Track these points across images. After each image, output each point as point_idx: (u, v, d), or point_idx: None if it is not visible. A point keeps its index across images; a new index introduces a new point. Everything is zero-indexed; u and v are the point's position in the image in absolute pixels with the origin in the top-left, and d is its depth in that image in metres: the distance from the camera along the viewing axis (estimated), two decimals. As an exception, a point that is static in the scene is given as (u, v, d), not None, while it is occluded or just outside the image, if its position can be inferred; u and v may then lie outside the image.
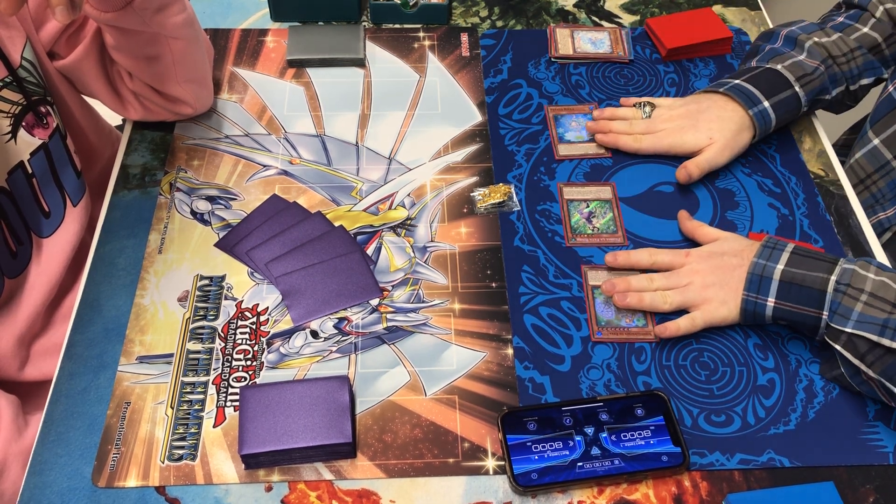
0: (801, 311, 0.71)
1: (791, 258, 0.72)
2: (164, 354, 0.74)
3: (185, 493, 0.67)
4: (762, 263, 0.73)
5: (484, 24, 1.07)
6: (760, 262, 0.73)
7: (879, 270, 0.69)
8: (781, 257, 0.72)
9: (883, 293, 0.67)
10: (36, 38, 0.80)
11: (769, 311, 0.72)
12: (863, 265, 0.70)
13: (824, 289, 0.70)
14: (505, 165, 0.90)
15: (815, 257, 0.72)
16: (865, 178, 0.93)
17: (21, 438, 0.73)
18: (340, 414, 0.67)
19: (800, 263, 0.71)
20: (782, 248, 0.73)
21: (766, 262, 0.73)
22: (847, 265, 0.70)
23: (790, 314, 0.71)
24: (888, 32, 0.91)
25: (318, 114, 0.95)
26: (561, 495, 0.67)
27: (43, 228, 0.82)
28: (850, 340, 0.68)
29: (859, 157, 0.93)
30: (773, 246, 0.74)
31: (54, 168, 0.81)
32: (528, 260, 0.82)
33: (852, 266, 0.70)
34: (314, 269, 0.80)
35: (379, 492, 0.67)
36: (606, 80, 1.00)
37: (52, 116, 0.81)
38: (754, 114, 0.86)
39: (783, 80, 0.87)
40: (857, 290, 0.68)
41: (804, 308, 0.71)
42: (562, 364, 0.75)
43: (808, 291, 0.70)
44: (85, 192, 0.87)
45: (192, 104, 0.89)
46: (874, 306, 0.67)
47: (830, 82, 0.89)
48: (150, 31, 0.78)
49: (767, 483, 0.68)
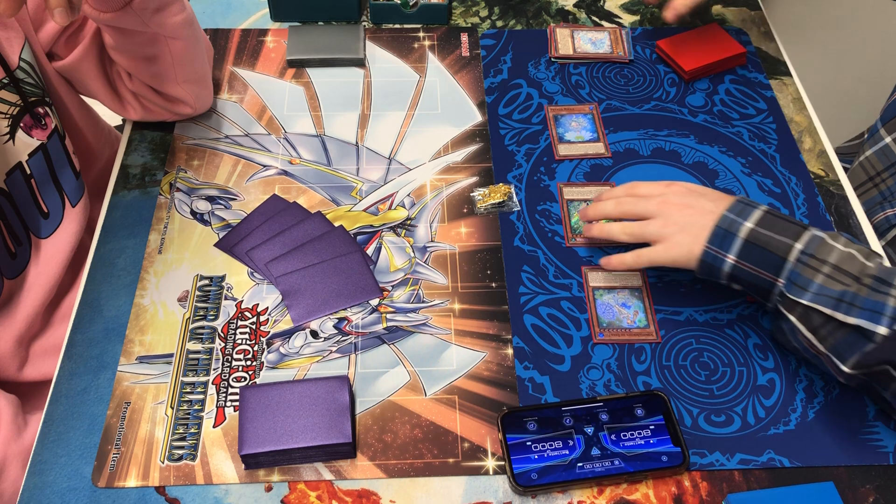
0: (758, 273, 0.69)
1: (763, 218, 0.69)
2: (163, 354, 0.74)
3: (185, 493, 0.67)
4: (731, 218, 0.70)
5: (484, 24, 1.07)
6: (730, 216, 0.70)
7: (849, 242, 0.67)
8: (752, 215, 0.70)
9: (848, 266, 0.65)
10: (35, 39, 0.80)
11: (727, 268, 0.70)
12: (833, 236, 0.68)
13: (786, 256, 0.67)
14: (505, 165, 0.90)
15: (786, 220, 0.69)
16: (875, 176, 0.93)
17: (21, 438, 0.73)
18: (340, 414, 0.67)
19: (769, 225, 0.69)
20: (755, 207, 0.71)
21: (736, 217, 0.70)
22: (816, 233, 0.68)
23: (747, 275, 0.69)
24: None
25: (318, 114, 0.95)
26: (561, 495, 0.67)
27: (42, 229, 0.82)
28: (806, 313, 0.66)
29: (869, 155, 0.92)
30: (747, 203, 0.71)
31: (53, 169, 0.81)
32: (528, 260, 0.82)
33: (821, 235, 0.68)
34: (314, 269, 0.80)
35: (379, 492, 0.67)
36: (606, 80, 1.00)
37: (50, 117, 0.81)
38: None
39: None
40: (820, 260, 0.66)
41: (762, 272, 0.68)
42: (562, 364, 0.75)
43: (769, 255, 0.68)
44: (84, 192, 0.87)
45: (192, 104, 0.89)
46: (836, 279, 0.65)
47: None
48: (149, 31, 0.78)
49: (767, 483, 0.68)
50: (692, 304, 0.79)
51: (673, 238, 0.72)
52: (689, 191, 0.75)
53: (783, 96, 0.99)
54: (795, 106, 0.98)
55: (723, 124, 0.95)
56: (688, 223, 0.72)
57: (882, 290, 0.63)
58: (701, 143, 0.93)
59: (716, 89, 0.99)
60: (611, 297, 0.79)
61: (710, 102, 0.98)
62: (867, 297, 0.63)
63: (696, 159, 0.92)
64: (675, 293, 0.80)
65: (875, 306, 0.62)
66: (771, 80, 1.01)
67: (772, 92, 0.99)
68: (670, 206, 0.74)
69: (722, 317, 0.78)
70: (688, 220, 0.72)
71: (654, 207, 0.75)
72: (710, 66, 0.99)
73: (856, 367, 0.64)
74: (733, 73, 1.01)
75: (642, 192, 0.77)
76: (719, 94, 0.99)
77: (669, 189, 0.75)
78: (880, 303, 0.63)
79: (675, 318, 0.78)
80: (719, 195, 0.74)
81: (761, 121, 0.96)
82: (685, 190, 0.75)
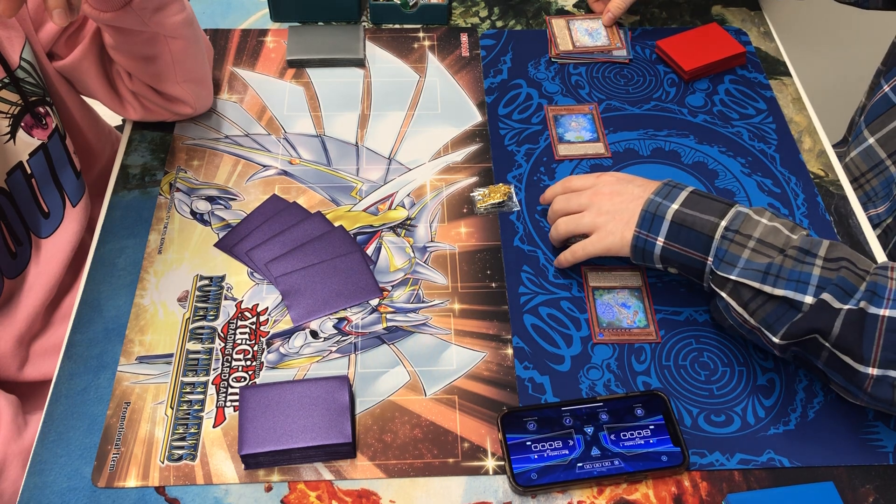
0: (687, 254, 0.69)
1: (687, 198, 0.70)
2: (163, 354, 0.74)
3: (185, 493, 0.67)
4: (658, 201, 0.71)
5: (484, 24, 1.07)
6: (656, 199, 0.71)
7: (774, 216, 0.68)
8: (678, 197, 0.71)
9: (772, 239, 0.66)
10: (35, 38, 0.80)
11: (658, 250, 0.71)
12: (758, 210, 0.68)
13: (712, 234, 0.68)
14: (505, 165, 0.90)
15: (711, 199, 0.70)
16: (860, 177, 0.93)
17: (21, 438, 0.73)
18: (340, 414, 0.67)
19: (694, 205, 0.70)
20: (681, 189, 0.71)
21: (663, 200, 0.71)
22: (741, 209, 0.68)
23: (678, 256, 0.70)
24: None
25: (317, 114, 0.95)
26: (560, 495, 0.67)
27: (42, 229, 0.82)
28: (735, 288, 0.66)
29: (854, 156, 0.93)
30: (674, 186, 0.72)
31: (53, 169, 0.81)
32: (528, 260, 0.82)
33: (746, 211, 0.68)
34: (314, 269, 0.80)
35: (379, 492, 0.67)
36: (606, 81, 1.00)
37: (50, 117, 0.81)
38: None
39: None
40: (745, 236, 0.67)
41: (691, 251, 0.69)
42: (561, 364, 0.75)
43: (696, 235, 0.69)
44: (84, 192, 0.87)
45: (192, 104, 0.89)
46: (761, 252, 0.66)
47: None
48: (149, 30, 0.78)
49: (767, 483, 0.68)
50: (692, 304, 0.79)
51: (605, 227, 0.74)
52: (617, 179, 0.76)
53: (783, 96, 0.99)
54: (795, 106, 0.98)
55: (722, 124, 0.95)
56: (618, 210, 0.74)
57: (807, 260, 0.64)
58: (701, 143, 0.93)
59: (715, 89, 0.99)
60: (611, 297, 0.79)
61: (710, 102, 0.98)
62: (792, 268, 0.64)
63: (696, 159, 0.92)
64: (675, 293, 0.80)
65: (801, 276, 0.64)
66: (771, 80, 1.01)
67: (771, 92, 0.99)
68: (600, 196, 0.75)
69: (722, 317, 0.78)
70: (617, 208, 0.74)
71: (585, 200, 0.77)
72: (709, 65, 0.99)
73: (785, 338, 0.65)
74: (733, 74, 1.01)
75: (575, 185, 0.79)
76: (719, 95, 0.99)
77: (599, 180, 0.77)
78: (805, 273, 0.64)
79: (675, 318, 0.78)
80: (647, 181, 0.75)
81: (761, 121, 0.96)
82: (614, 179, 0.77)
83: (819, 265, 0.64)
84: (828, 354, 0.64)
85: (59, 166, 0.82)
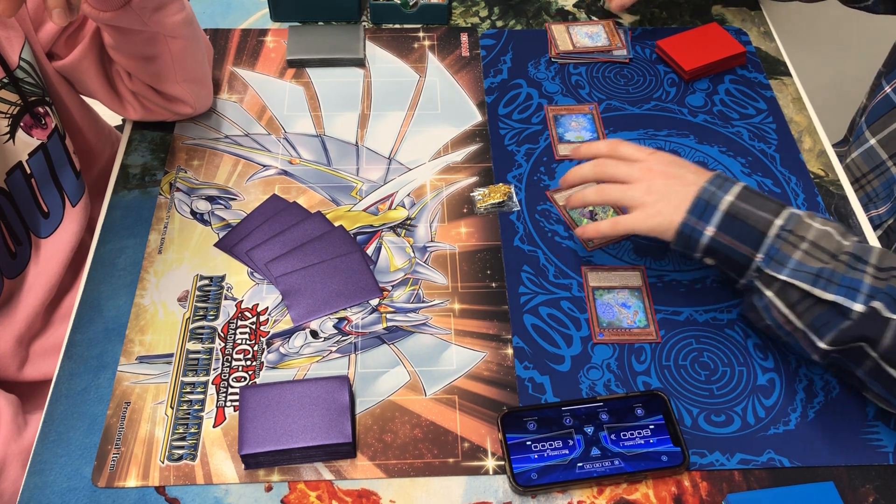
0: (736, 247, 0.68)
1: (742, 192, 0.69)
2: (163, 354, 0.74)
3: (185, 493, 0.67)
4: (712, 190, 0.70)
5: (484, 24, 1.07)
6: (710, 188, 0.70)
7: (826, 221, 0.67)
8: (732, 189, 0.70)
9: (825, 243, 0.66)
10: (34, 38, 0.80)
11: (705, 240, 0.69)
12: (809, 215, 0.68)
13: (766, 231, 0.67)
14: (505, 165, 0.90)
15: (764, 197, 0.69)
16: (861, 178, 0.93)
17: (21, 438, 0.73)
18: (340, 414, 0.67)
19: (749, 199, 0.69)
20: (734, 182, 0.71)
21: (717, 189, 0.70)
22: (794, 211, 0.68)
23: (725, 248, 0.69)
24: None
25: (317, 114, 0.95)
26: (561, 495, 0.67)
27: (42, 229, 0.82)
28: (784, 288, 0.66)
29: (855, 157, 0.93)
30: (726, 178, 0.71)
31: (53, 168, 0.81)
32: (528, 260, 0.82)
33: (798, 213, 0.68)
34: (314, 269, 0.80)
35: (379, 492, 0.67)
36: (606, 80, 1.00)
37: (50, 117, 0.81)
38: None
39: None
40: (798, 237, 0.66)
41: (740, 245, 0.68)
42: (562, 364, 0.75)
43: (749, 229, 0.68)
44: (84, 192, 0.87)
45: (192, 104, 0.89)
46: (813, 255, 0.65)
47: None
48: (148, 30, 0.78)
49: (767, 483, 0.68)
50: (692, 304, 0.79)
51: (654, 206, 0.71)
52: (671, 161, 0.74)
53: (783, 96, 0.99)
54: (795, 106, 0.98)
55: (723, 124, 0.95)
56: (670, 192, 0.71)
57: (858, 267, 0.64)
58: (701, 143, 0.93)
59: (716, 89, 0.99)
60: (611, 297, 0.79)
61: (710, 102, 0.98)
62: (844, 273, 0.64)
63: (696, 159, 0.91)
64: (675, 293, 0.80)
65: (852, 283, 0.63)
66: (771, 80, 1.01)
67: (772, 92, 0.99)
68: (653, 174, 0.73)
69: (722, 317, 0.78)
70: (670, 190, 0.72)
71: (636, 173, 0.73)
72: (709, 65, 0.99)
73: (833, 344, 0.64)
74: (733, 73, 1.01)
75: (624, 153, 0.76)
76: (719, 94, 0.99)
77: (652, 157, 0.74)
78: (857, 280, 0.63)
79: (675, 318, 0.78)
80: (700, 169, 0.74)
81: (761, 121, 0.96)
82: (668, 160, 0.74)
83: (870, 273, 0.63)
84: (872, 364, 0.64)
85: (59, 166, 0.82)
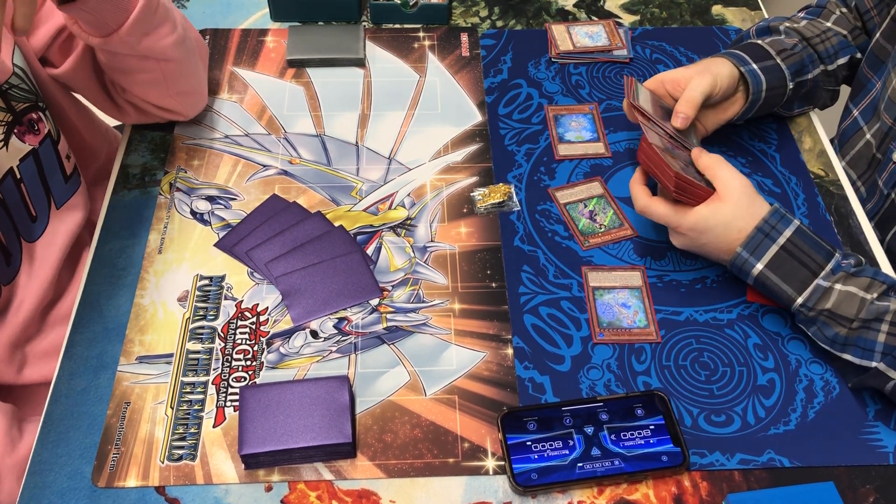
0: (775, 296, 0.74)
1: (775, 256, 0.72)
2: (163, 354, 0.74)
3: (185, 493, 0.67)
4: (745, 257, 0.73)
5: (484, 24, 1.07)
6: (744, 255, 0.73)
7: (847, 277, 0.71)
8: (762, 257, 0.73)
9: (844, 309, 0.70)
10: (25, 44, 0.80)
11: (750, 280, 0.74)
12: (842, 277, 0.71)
13: (788, 306, 0.73)
14: (505, 165, 0.90)
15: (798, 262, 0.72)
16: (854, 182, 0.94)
17: (15, 451, 0.72)
18: (340, 414, 0.67)
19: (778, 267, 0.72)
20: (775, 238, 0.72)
21: (749, 257, 0.73)
22: (821, 283, 0.71)
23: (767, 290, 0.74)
24: (852, 26, 0.93)
25: (317, 114, 0.95)
26: (561, 495, 0.67)
27: (31, 233, 0.80)
28: (814, 335, 0.73)
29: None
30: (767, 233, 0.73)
31: (43, 173, 0.80)
32: (528, 260, 0.82)
33: (825, 284, 0.71)
34: (314, 269, 0.80)
35: (379, 492, 0.67)
36: (606, 80, 1.00)
37: (43, 122, 0.79)
38: (747, 71, 0.84)
39: (765, 52, 0.87)
40: (818, 311, 0.71)
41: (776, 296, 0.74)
42: (562, 364, 0.75)
43: (777, 296, 0.73)
44: (72, 194, 0.85)
45: (183, 113, 0.90)
46: (833, 320, 0.71)
47: (809, 62, 0.89)
48: (139, 54, 0.79)
49: (767, 483, 0.68)
50: (692, 304, 0.79)
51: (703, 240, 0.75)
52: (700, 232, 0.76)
53: (783, 96, 0.99)
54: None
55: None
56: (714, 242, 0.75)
57: (873, 327, 0.70)
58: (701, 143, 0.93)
59: (716, 89, 0.99)
60: (611, 297, 0.79)
61: (710, 102, 0.98)
62: (858, 336, 0.70)
63: (696, 159, 0.91)
64: (675, 293, 0.80)
65: (866, 344, 0.69)
66: (771, 80, 1.00)
67: (772, 92, 0.99)
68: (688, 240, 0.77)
69: (722, 317, 0.78)
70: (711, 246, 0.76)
71: None
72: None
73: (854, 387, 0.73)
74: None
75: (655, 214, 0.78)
76: (719, 94, 0.98)
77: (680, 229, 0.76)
78: (871, 340, 0.69)
79: (675, 318, 0.78)
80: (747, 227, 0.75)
81: (761, 120, 0.96)
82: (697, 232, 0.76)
83: (885, 331, 0.69)
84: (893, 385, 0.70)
85: (50, 171, 0.81)
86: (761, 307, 0.79)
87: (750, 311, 0.79)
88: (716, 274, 0.81)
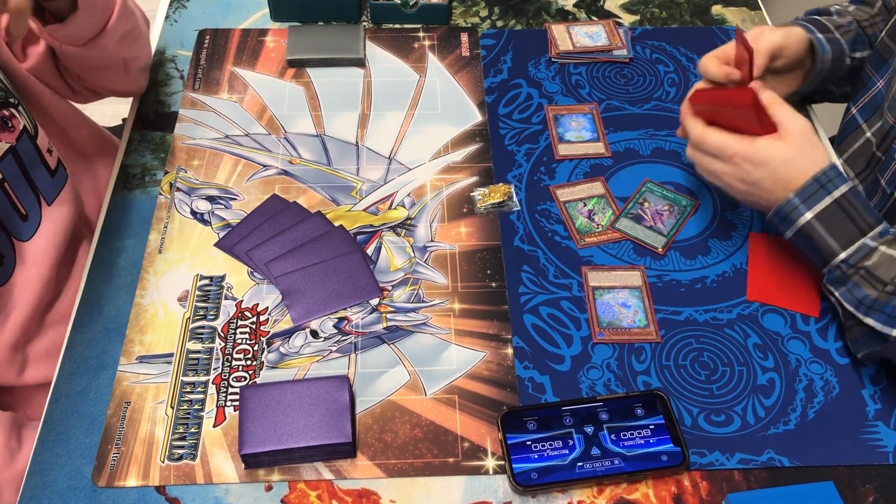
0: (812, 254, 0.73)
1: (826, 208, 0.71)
2: (164, 354, 0.74)
3: (185, 492, 0.67)
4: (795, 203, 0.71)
5: (484, 24, 1.07)
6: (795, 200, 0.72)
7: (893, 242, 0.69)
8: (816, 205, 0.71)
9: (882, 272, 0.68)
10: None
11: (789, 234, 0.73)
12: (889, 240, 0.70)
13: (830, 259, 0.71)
14: (505, 165, 0.90)
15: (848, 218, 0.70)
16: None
17: (14, 463, 0.72)
18: (340, 414, 0.67)
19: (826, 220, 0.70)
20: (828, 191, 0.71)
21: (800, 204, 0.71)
22: (868, 241, 0.69)
23: None
24: None
25: (318, 114, 0.95)
26: (561, 495, 0.67)
27: (22, 232, 0.80)
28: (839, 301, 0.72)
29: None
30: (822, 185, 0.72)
31: (26, 170, 0.79)
32: (528, 260, 0.82)
33: (872, 244, 0.69)
34: (314, 269, 0.80)
35: (379, 491, 0.67)
36: (606, 80, 1.00)
37: (17, 118, 0.78)
38: (815, 39, 0.85)
39: (825, 25, 0.88)
40: (857, 268, 0.69)
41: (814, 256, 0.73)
42: (562, 364, 0.75)
43: (818, 252, 0.71)
44: (61, 189, 0.84)
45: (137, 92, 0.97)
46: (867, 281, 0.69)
47: (861, 40, 0.90)
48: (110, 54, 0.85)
49: (767, 483, 0.68)
50: (692, 304, 0.79)
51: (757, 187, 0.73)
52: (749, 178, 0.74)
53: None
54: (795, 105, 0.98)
55: (723, 124, 0.95)
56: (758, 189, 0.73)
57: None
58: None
59: (716, 89, 0.99)
60: (611, 296, 0.79)
61: (710, 102, 0.98)
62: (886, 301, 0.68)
63: (696, 159, 0.91)
64: (675, 293, 0.80)
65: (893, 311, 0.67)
66: (771, 79, 1.00)
67: (772, 92, 0.99)
68: None
69: (722, 317, 0.78)
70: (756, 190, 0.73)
71: None
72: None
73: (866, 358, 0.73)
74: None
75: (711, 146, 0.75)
76: (719, 94, 0.98)
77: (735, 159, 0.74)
78: None
79: (675, 318, 0.78)
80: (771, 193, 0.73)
81: (761, 121, 0.95)
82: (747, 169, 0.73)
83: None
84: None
85: (32, 167, 0.80)
86: (761, 307, 0.79)
87: (750, 310, 0.79)
88: (716, 274, 0.81)
